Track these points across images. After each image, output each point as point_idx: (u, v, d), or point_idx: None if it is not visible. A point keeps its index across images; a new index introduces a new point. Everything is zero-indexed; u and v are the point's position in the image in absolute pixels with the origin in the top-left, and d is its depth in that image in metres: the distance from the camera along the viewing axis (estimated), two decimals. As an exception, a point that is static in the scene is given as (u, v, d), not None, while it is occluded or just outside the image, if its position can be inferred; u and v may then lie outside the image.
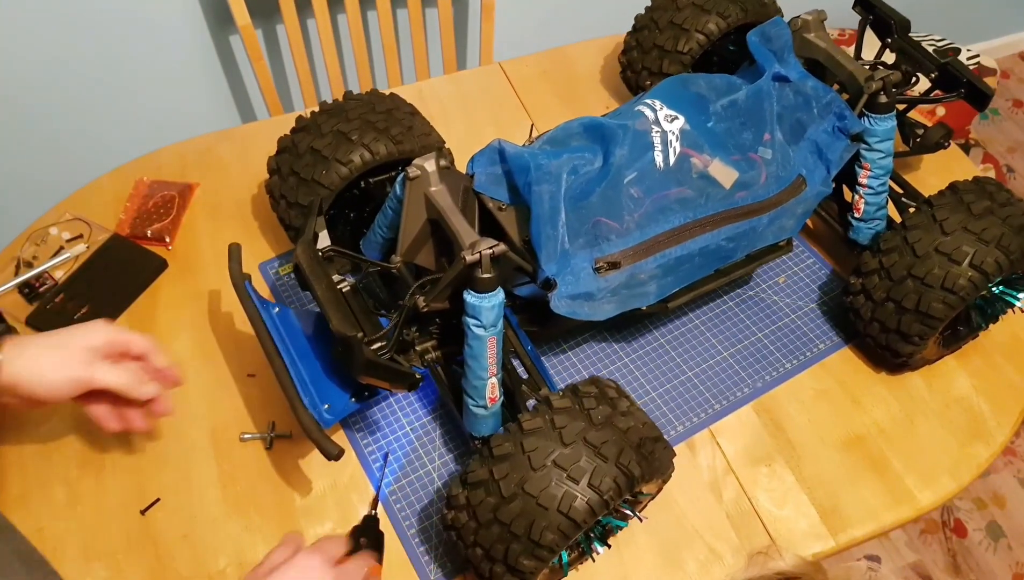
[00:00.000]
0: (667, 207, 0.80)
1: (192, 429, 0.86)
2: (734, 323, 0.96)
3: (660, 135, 0.82)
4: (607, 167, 0.79)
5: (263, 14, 1.46)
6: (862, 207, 0.94)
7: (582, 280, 0.76)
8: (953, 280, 0.82)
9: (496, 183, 0.80)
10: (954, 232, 0.83)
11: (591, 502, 0.64)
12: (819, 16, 0.97)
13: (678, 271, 0.83)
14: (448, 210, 0.76)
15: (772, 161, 0.87)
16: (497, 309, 0.71)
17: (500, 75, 1.25)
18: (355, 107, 0.90)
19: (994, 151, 2.25)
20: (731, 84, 0.90)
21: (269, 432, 0.86)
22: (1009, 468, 1.69)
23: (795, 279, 1.01)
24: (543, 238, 0.75)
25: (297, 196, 0.88)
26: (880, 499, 0.84)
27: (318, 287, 0.75)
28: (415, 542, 0.80)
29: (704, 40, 1.03)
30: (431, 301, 0.75)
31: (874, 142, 0.91)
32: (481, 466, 0.68)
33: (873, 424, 0.89)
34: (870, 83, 0.90)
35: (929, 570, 1.54)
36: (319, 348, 0.78)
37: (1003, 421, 0.90)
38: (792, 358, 0.94)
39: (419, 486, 0.83)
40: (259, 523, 0.80)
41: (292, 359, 0.75)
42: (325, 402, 0.74)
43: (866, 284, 0.88)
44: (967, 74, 0.94)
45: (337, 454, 0.69)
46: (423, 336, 0.82)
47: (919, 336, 0.85)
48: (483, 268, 0.70)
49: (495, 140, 0.80)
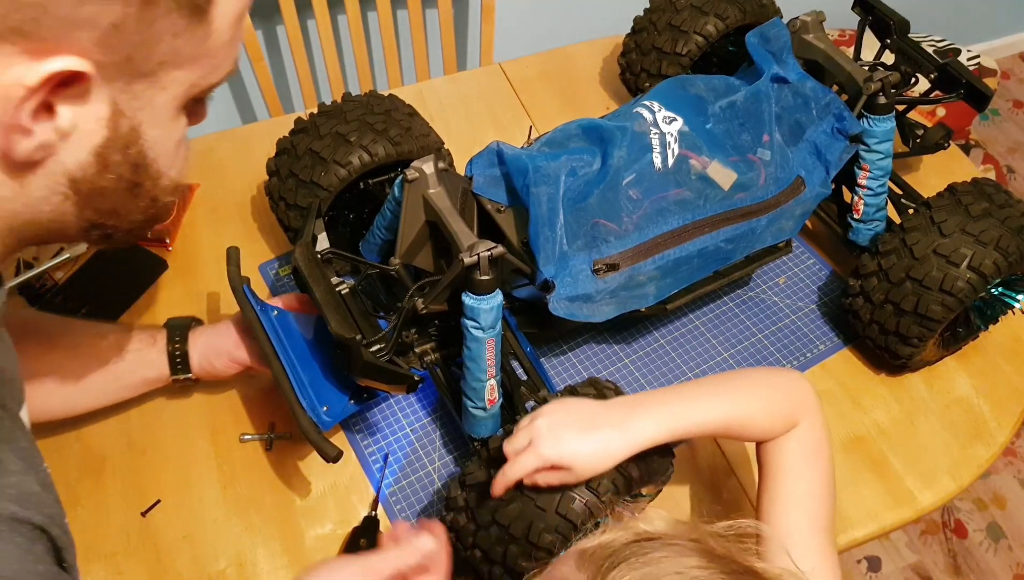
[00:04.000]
0: (666, 209, 0.80)
1: (192, 430, 0.86)
2: (734, 324, 0.96)
3: (659, 137, 0.82)
4: (606, 169, 0.79)
5: (263, 15, 1.46)
6: (861, 208, 0.94)
7: (581, 282, 0.77)
8: (952, 282, 0.82)
9: (495, 185, 0.80)
10: (952, 234, 0.83)
11: (589, 504, 0.64)
12: (818, 17, 0.97)
13: (677, 272, 0.83)
14: (447, 212, 0.76)
15: (771, 162, 0.87)
16: (496, 311, 0.71)
17: (500, 76, 1.26)
18: (353, 108, 0.90)
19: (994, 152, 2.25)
20: (730, 85, 0.90)
21: (269, 433, 0.86)
22: (1009, 469, 1.68)
23: (795, 280, 1.01)
24: (542, 240, 0.75)
25: (296, 198, 0.88)
26: (880, 500, 0.84)
27: (317, 289, 0.75)
28: (414, 543, 0.80)
29: (703, 42, 1.03)
30: (430, 303, 0.75)
31: (873, 143, 0.91)
32: (480, 468, 0.68)
33: (873, 425, 0.89)
34: (869, 84, 0.90)
35: (929, 571, 1.54)
36: (318, 350, 0.78)
37: (1003, 422, 0.90)
38: (792, 359, 0.94)
39: (419, 487, 0.83)
40: (259, 524, 0.80)
41: (291, 362, 0.75)
42: (324, 404, 0.74)
43: (865, 286, 0.88)
44: (967, 75, 0.94)
45: (336, 456, 0.69)
46: (422, 338, 0.82)
47: (918, 338, 0.85)
48: (482, 270, 0.70)
49: (493, 142, 0.80)
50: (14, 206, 0.44)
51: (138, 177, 0.46)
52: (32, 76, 0.38)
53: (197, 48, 0.44)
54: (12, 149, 0.41)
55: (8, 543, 0.42)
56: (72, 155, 0.43)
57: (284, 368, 0.74)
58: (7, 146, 0.40)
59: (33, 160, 0.42)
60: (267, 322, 0.77)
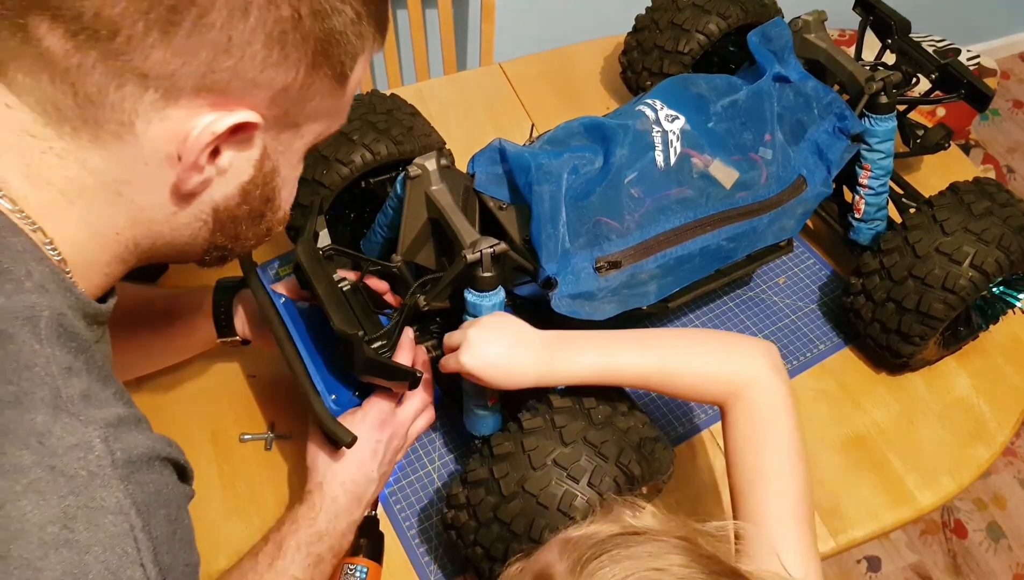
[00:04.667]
0: (668, 207, 0.80)
1: (192, 430, 0.86)
2: (734, 324, 0.96)
3: (661, 135, 0.82)
4: (608, 167, 0.79)
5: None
6: (862, 208, 0.94)
7: (583, 280, 0.76)
8: (954, 280, 0.82)
9: (497, 182, 0.80)
10: (955, 232, 0.83)
11: (591, 501, 0.64)
12: (819, 17, 0.97)
13: (679, 271, 0.83)
14: (449, 209, 0.76)
15: (772, 161, 0.87)
16: (498, 308, 0.71)
17: (500, 76, 1.25)
18: (356, 108, 0.89)
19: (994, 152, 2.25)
20: (732, 84, 0.90)
21: (269, 433, 0.86)
22: (1009, 469, 1.69)
23: (795, 279, 1.01)
24: (544, 237, 0.75)
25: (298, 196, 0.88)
26: (880, 500, 0.84)
27: (319, 286, 0.75)
28: (415, 542, 0.79)
29: (704, 41, 1.03)
30: (432, 300, 0.75)
31: (874, 143, 0.91)
32: (481, 465, 0.68)
33: (873, 424, 0.89)
34: (871, 84, 0.90)
35: (929, 571, 1.54)
36: (322, 342, 0.78)
37: (1003, 422, 0.90)
38: (792, 358, 0.94)
39: (419, 486, 0.83)
40: (259, 524, 0.80)
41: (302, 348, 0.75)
42: (332, 393, 0.74)
43: (866, 284, 0.88)
44: (967, 75, 0.94)
45: (351, 441, 0.69)
46: (424, 335, 0.82)
47: (920, 337, 0.85)
48: (484, 267, 0.70)
49: (496, 140, 0.80)
50: (162, 229, 0.51)
51: (265, 209, 0.54)
52: (220, 125, 0.46)
53: (332, 105, 0.52)
54: (184, 184, 0.48)
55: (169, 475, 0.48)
56: (221, 189, 0.51)
57: (299, 353, 0.74)
58: (182, 181, 0.48)
59: (194, 193, 0.49)
60: (279, 308, 0.77)
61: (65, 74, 0.43)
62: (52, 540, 0.40)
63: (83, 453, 0.42)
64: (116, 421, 0.44)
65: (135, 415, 0.47)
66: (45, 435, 0.41)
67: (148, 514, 0.44)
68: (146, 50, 0.42)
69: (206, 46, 0.43)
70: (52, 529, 0.40)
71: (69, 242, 0.48)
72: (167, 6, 0.42)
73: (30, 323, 0.43)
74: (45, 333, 0.44)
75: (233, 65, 0.44)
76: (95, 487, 0.42)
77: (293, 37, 0.45)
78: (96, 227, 0.49)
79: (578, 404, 0.69)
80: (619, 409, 0.70)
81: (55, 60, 0.43)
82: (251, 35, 0.44)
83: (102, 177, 0.47)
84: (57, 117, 0.45)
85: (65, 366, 0.44)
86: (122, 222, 0.49)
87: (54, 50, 0.43)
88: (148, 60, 0.43)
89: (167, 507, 0.46)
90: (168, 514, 0.46)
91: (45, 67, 0.43)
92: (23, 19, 0.42)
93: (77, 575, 0.40)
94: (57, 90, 0.44)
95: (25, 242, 0.45)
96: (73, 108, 0.44)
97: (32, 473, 0.40)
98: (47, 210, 0.46)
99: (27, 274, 0.45)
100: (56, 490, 0.40)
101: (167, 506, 0.46)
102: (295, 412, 0.86)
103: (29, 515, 0.40)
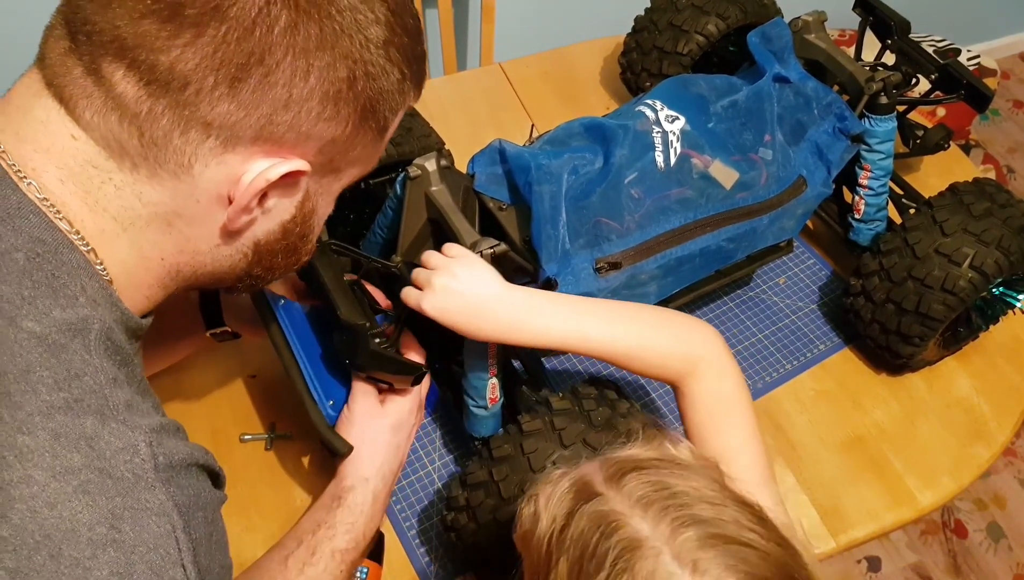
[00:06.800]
0: (668, 207, 0.80)
1: (192, 429, 0.85)
2: (734, 324, 0.96)
3: (661, 135, 0.82)
4: (608, 167, 0.79)
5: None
6: (862, 208, 0.94)
7: (583, 280, 0.76)
8: (953, 281, 0.82)
9: (497, 183, 0.80)
10: (954, 233, 0.83)
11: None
12: (819, 17, 0.97)
13: (679, 272, 0.83)
14: (449, 209, 0.76)
15: (772, 162, 0.87)
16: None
17: (500, 76, 1.25)
18: (355, 108, 0.89)
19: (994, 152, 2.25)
20: (731, 85, 0.90)
21: (269, 433, 0.86)
22: (1009, 469, 1.69)
23: (795, 280, 1.01)
24: (544, 238, 0.74)
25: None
26: (880, 500, 0.84)
27: (326, 274, 0.74)
28: (415, 543, 0.79)
29: (704, 41, 1.03)
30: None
31: (874, 143, 0.91)
32: (481, 467, 0.68)
33: (873, 425, 0.89)
34: (870, 84, 0.90)
35: (930, 571, 1.54)
36: (321, 344, 0.78)
37: (1003, 422, 0.90)
38: (792, 359, 0.94)
39: (419, 487, 0.83)
40: (259, 523, 0.80)
41: (301, 354, 0.75)
42: (330, 399, 0.74)
43: (866, 285, 0.88)
44: (967, 75, 0.94)
45: (346, 451, 0.69)
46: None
47: (919, 337, 0.85)
48: (484, 268, 0.69)
49: (495, 140, 0.80)
50: (205, 259, 0.54)
51: (300, 243, 0.58)
52: (274, 173, 0.49)
53: (371, 153, 0.56)
54: (233, 223, 0.52)
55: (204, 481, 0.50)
56: (264, 226, 0.54)
57: (296, 359, 0.73)
58: (231, 220, 0.51)
59: (240, 230, 0.53)
60: (277, 311, 0.76)
61: (134, 117, 0.46)
62: (100, 540, 0.41)
63: (129, 456, 0.44)
64: (159, 428, 0.47)
65: (174, 424, 0.50)
66: (94, 439, 0.43)
67: (188, 516, 0.46)
68: (213, 102, 0.46)
69: (268, 101, 0.47)
70: (100, 529, 0.41)
71: (119, 264, 0.50)
72: (237, 64, 0.45)
73: (81, 335, 0.46)
74: (94, 345, 0.46)
75: (290, 119, 0.48)
76: (140, 489, 0.44)
77: (347, 96, 0.49)
78: (144, 252, 0.51)
79: (578, 406, 0.69)
80: (619, 411, 0.70)
81: (126, 103, 0.46)
82: (310, 93, 0.48)
83: (155, 209, 0.50)
84: (120, 153, 0.47)
85: (111, 377, 0.46)
86: (169, 249, 0.52)
87: (126, 95, 0.45)
88: (213, 111, 0.46)
89: (204, 510, 0.48)
90: (205, 516, 0.48)
91: (115, 108, 0.46)
92: (99, 63, 0.45)
93: (123, 575, 0.41)
94: (124, 130, 0.46)
95: (80, 259, 0.48)
96: (137, 148, 0.47)
97: (82, 475, 0.42)
98: (101, 234, 0.49)
99: (81, 289, 0.47)
100: (104, 491, 0.42)
101: (204, 509, 0.48)
102: (295, 412, 0.86)
103: (80, 515, 0.41)
